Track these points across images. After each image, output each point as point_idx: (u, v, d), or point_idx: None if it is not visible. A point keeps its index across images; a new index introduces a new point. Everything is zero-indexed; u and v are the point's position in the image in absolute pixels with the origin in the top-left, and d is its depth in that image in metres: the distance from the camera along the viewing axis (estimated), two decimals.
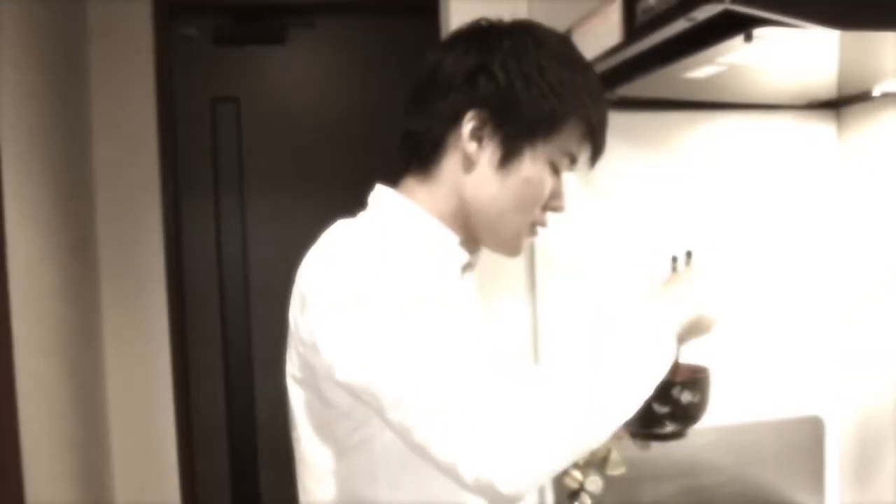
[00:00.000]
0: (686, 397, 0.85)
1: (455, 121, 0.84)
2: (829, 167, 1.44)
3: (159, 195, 2.04)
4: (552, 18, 1.35)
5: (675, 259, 0.92)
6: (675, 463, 1.41)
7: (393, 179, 0.95)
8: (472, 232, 0.89)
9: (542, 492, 1.38)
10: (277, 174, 2.19)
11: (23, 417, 1.39)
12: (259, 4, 2.13)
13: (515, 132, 0.83)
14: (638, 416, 0.76)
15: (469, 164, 0.85)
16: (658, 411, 0.85)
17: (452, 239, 0.87)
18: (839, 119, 1.42)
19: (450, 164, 0.86)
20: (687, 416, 0.86)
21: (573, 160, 0.88)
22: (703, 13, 0.81)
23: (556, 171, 0.87)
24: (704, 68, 1.02)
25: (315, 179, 2.20)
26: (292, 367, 0.84)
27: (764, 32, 0.83)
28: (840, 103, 1.39)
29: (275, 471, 2.20)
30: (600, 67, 1.06)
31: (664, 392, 0.85)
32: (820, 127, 1.43)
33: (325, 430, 0.82)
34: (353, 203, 2.22)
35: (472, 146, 0.83)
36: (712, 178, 1.41)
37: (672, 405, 0.85)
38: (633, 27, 0.95)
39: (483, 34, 0.86)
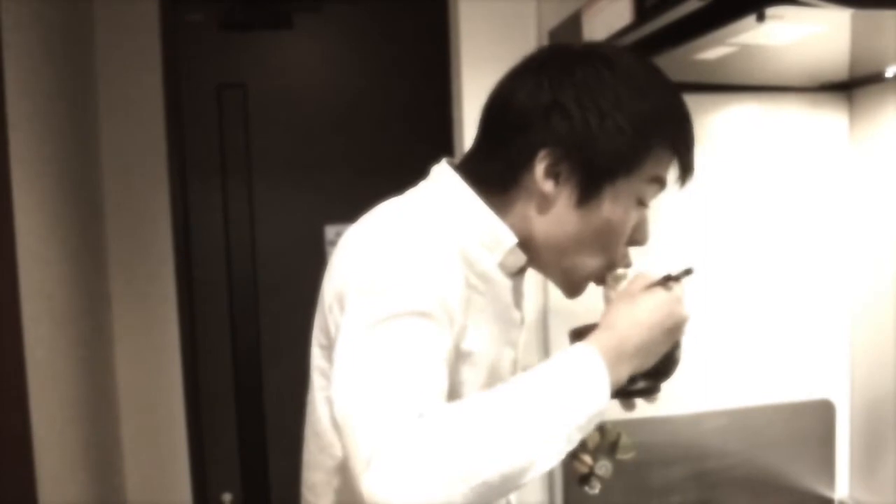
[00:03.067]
0: None
1: (529, 159, 0.79)
2: (841, 149, 1.43)
3: (167, 182, 2.04)
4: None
5: (667, 277, 0.84)
6: (684, 447, 1.41)
7: (402, 165, 0.94)
8: (535, 266, 0.86)
9: (551, 476, 1.38)
10: (284, 160, 2.17)
11: (34, 408, 1.40)
12: None
13: (593, 171, 0.78)
14: None
15: (545, 203, 0.80)
16: None
17: (510, 240, 0.82)
18: (851, 101, 1.41)
19: (522, 200, 0.81)
20: (657, 372, 0.83)
21: (662, 186, 0.84)
22: None
23: (642, 203, 0.83)
24: (716, 49, 1.01)
25: (322, 165, 2.18)
26: (319, 333, 0.84)
27: (776, 12, 0.82)
28: (852, 85, 1.38)
29: (283, 460, 2.21)
30: None
31: None
32: (831, 109, 1.42)
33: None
34: (360, 185, 2.22)
35: (548, 185, 0.79)
36: (724, 160, 1.40)
37: None
38: (644, 7, 0.94)
39: (554, 64, 0.81)
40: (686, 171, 0.82)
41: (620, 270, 0.87)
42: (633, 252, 0.86)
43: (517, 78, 0.83)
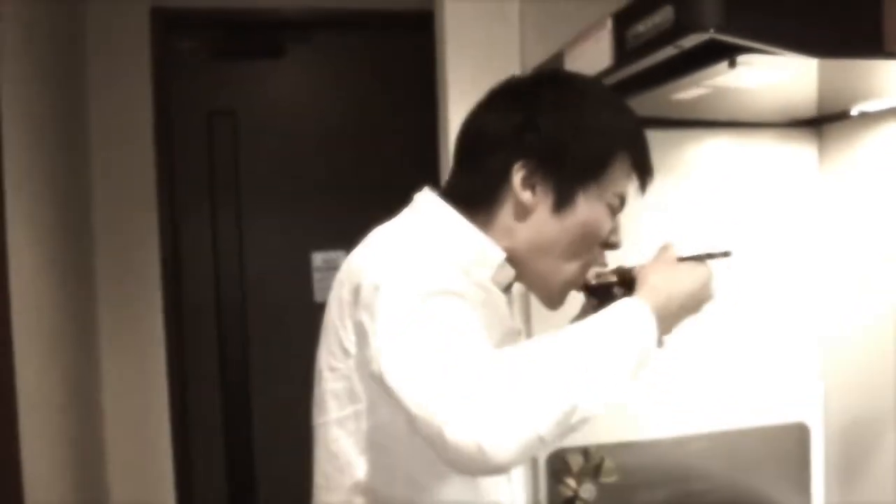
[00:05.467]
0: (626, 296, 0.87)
1: (506, 174, 0.86)
2: (811, 182, 1.49)
3: (156, 206, 2.07)
4: (545, 20, 1.40)
5: (708, 254, 0.93)
6: (666, 469, 1.45)
7: (389, 193, 0.97)
8: (521, 278, 0.92)
9: (536, 498, 1.41)
10: (273, 186, 2.22)
11: (22, 421, 1.41)
12: (256, 18, 2.16)
13: (567, 176, 0.86)
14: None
15: (524, 212, 0.87)
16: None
17: (499, 255, 0.88)
18: (820, 136, 1.47)
19: (503, 214, 0.88)
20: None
21: (623, 200, 0.91)
22: (689, 41, 0.85)
23: (612, 211, 0.90)
24: (691, 90, 1.07)
25: (310, 192, 2.23)
26: (328, 356, 0.87)
27: (746, 59, 0.88)
28: (821, 121, 1.44)
29: (272, 485, 2.22)
30: None
31: (607, 293, 0.91)
32: (801, 144, 1.48)
33: (350, 421, 0.85)
34: (348, 213, 2.24)
35: (526, 195, 0.86)
36: (700, 192, 1.45)
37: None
38: (624, 51, 0.99)
39: (522, 91, 0.90)
40: (646, 175, 0.91)
41: (597, 268, 0.94)
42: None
43: (486, 106, 0.92)
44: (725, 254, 0.94)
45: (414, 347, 0.72)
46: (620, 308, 0.79)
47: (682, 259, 0.89)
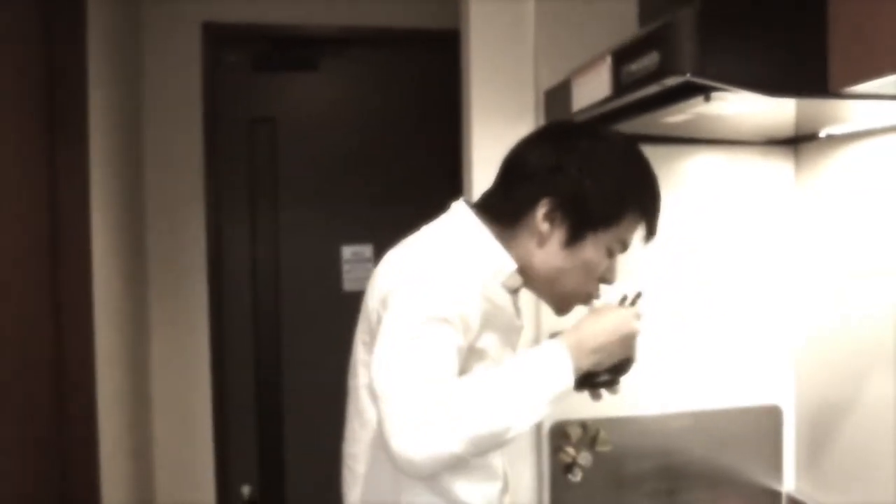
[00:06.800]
0: None
1: (533, 204, 1.02)
2: (788, 194, 1.65)
3: (203, 203, 2.26)
4: (556, 46, 1.55)
5: (624, 298, 1.11)
6: (653, 443, 1.61)
7: (413, 196, 1.13)
8: (531, 287, 1.09)
9: (539, 464, 1.60)
10: (308, 187, 2.39)
11: (99, 391, 1.62)
12: (294, 34, 2.34)
13: (582, 222, 1.01)
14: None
15: (540, 239, 1.02)
16: None
17: (511, 265, 1.04)
18: (796, 154, 1.64)
19: (524, 235, 1.04)
20: (616, 369, 1.07)
21: (625, 247, 1.06)
22: (671, 81, 1.04)
23: (611, 254, 1.05)
24: (677, 116, 1.25)
25: (342, 193, 2.40)
26: (362, 332, 1.06)
27: (719, 95, 1.06)
28: (797, 140, 1.61)
29: (298, 457, 2.39)
30: (593, 113, 1.29)
31: None
32: (779, 160, 1.64)
33: None
34: (374, 211, 2.45)
35: (544, 226, 1.01)
36: (689, 200, 1.61)
37: None
38: (620, 85, 1.17)
39: (562, 135, 1.06)
40: (651, 232, 1.07)
41: (596, 302, 1.11)
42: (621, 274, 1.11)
43: (531, 142, 1.09)
44: (638, 295, 1.12)
45: (399, 360, 0.88)
46: (542, 348, 0.96)
47: (596, 309, 1.06)
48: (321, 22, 2.34)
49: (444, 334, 0.91)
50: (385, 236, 1.16)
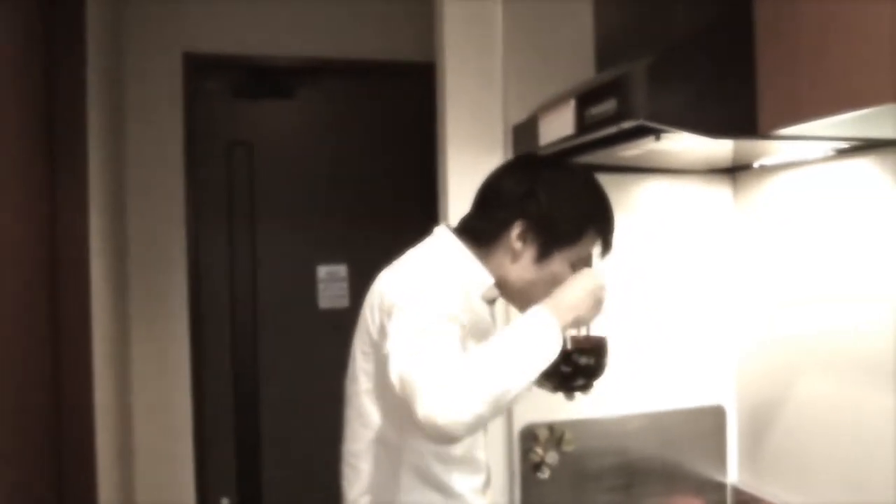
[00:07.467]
0: (583, 360, 1.16)
1: (508, 226, 1.17)
2: (727, 216, 1.83)
3: (183, 224, 2.34)
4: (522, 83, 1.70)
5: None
6: (612, 443, 1.76)
7: (385, 218, 1.22)
8: (505, 298, 1.23)
9: (511, 464, 1.73)
10: (284, 209, 2.48)
11: (98, 419, 1.69)
12: (271, 64, 2.45)
13: (549, 240, 1.16)
14: (554, 376, 1.10)
15: (514, 256, 1.17)
16: (563, 370, 1.17)
17: (489, 280, 1.19)
18: (734, 181, 1.83)
19: (500, 253, 1.18)
20: (588, 373, 1.19)
21: (587, 262, 1.21)
22: (627, 124, 1.20)
23: (574, 268, 1.18)
24: (632, 151, 1.41)
25: (317, 215, 2.50)
26: (362, 344, 1.18)
27: (667, 135, 1.23)
28: (734, 169, 1.80)
29: (275, 469, 2.47)
30: (558, 147, 1.44)
31: (566, 357, 1.15)
32: (720, 186, 1.83)
33: (376, 392, 1.16)
34: (348, 232, 2.56)
35: (518, 245, 1.16)
36: (640, 222, 1.78)
37: (573, 366, 1.17)
38: (583, 125, 1.32)
39: (532, 166, 1.23)
40: (606, 248, 1.23)
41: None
42: None
43: (505, 172, 1.25)
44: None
45: (416, 347, 0.98)
46: (530, 314, 1.05)
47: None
48: (297, 53, 2.45)
49: (450, 328, 1.01)
50: (358, 257, 1.28)
